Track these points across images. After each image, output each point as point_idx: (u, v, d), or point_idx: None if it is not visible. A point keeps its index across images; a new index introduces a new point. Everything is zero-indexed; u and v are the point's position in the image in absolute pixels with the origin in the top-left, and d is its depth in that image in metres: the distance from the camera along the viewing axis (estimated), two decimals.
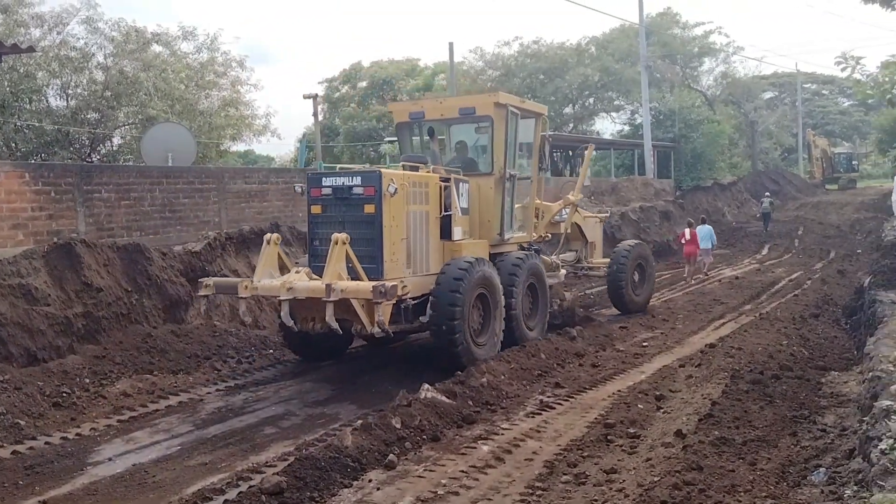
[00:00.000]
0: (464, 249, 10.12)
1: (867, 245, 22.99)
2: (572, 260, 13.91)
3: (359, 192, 9.09)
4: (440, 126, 11.45)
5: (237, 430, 7.76)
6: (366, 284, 8.43)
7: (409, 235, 9.47)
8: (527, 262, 10.80)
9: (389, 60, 48.73)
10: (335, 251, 8.62)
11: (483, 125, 10.98)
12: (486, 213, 10.90)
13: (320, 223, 9.43)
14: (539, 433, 7.41)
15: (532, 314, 11.02)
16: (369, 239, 9.03)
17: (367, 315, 8.51)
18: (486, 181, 10.84)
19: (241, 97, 27.24)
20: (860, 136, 66.77)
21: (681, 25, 43.75)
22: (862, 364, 8.60)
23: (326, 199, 9.36)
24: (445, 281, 9.22)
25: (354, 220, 9.12)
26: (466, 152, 11.47)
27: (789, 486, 5.75)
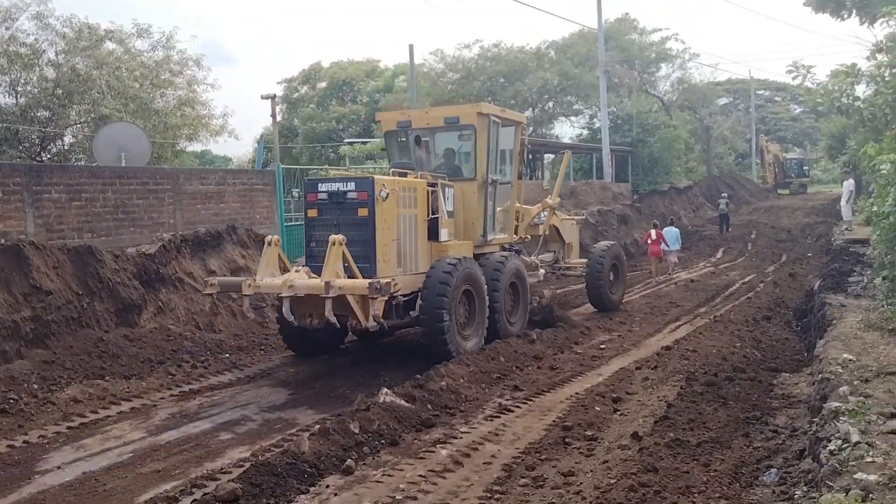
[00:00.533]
0: (450, 250, 10.76)
1: (817, 249, 23.57)
2: (550, 260, 14.55)
3: (353, 196, 9.74)
4: (426, 134, 11.99)
5: (191, 437, 7.62)
6: (362, 282, 9.02)
7: (400, 237, 10.12)
8: (509, 262, 11.47)
9: (349, 61, 48.48)
10: (333, 251, 9.20)
11: (467, 133, 11.54)
12: (470, 216, 11.55)
13: (317, 226, 10.02)
14: (497, 436, 7.42)
15: (514, 310, 11.66)
16: (363, 240, 9.64)
17: (362, 310, 9.02)
18: (469, 186, 11.49)
19: (198, 96, 26.83)
20: (811, 142, 68.55)
21: (638, 31, 44.39)
22: (812, 366, 8.80)
23: (322, 203, 9.96)
24: (434, 278, 9.85)
25: (349, 222, 9.71)
26: (451, 159, 12.03)
27: (742, 486, 5.85)
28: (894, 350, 7.60)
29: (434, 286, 9.80)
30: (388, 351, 11.41)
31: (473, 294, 10.46)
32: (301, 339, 10.70)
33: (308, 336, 10.46)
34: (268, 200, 14.81)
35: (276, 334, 12.27)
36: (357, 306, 8.98)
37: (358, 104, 45.02)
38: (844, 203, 23.43)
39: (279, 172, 15.12)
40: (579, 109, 43.38)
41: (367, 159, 26.77)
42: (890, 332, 8.34)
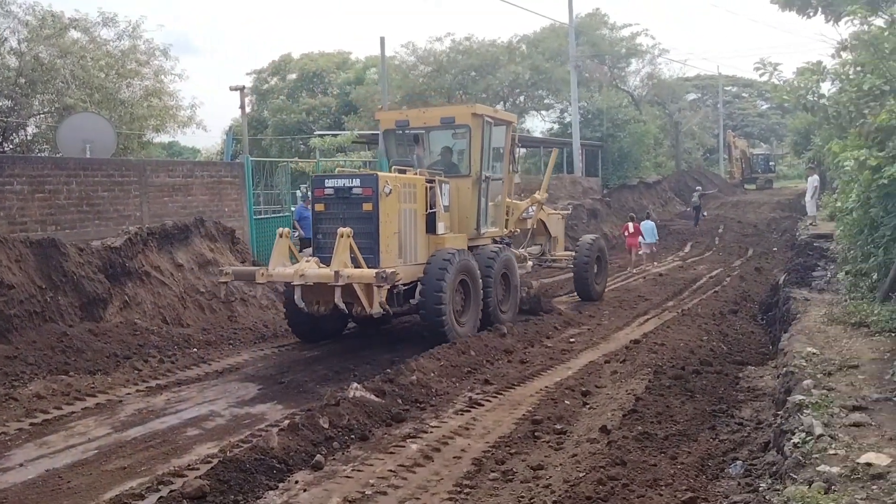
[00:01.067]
0: (446, 242, 11.36)
1: (782, 243, 23.96)
2: (537, 253, 15.08)
3: (358, 192, 10.34)
4: (423, 133, 12.57)
5: (158, 433, 7.52)
6: (369, 271, 9.67)
7: (401, 230, 10.73)
8: (501, 254, 12.19)
9: (320, 53, 48.07)
10: (341, 243, 9.77)
11: (461, 132, 12.15)
12: (465, 211, 12.12)
13: (323, 219, 10.65)
14: (468, 430, 7.43)
15: (505, 300, 12.30)
16: (367, 233, 10.20)
17: (367, 298, 9.72)
18: (464, 182, 12.07)
19: (165, 87, 26.38)
20: (777, 138, 69.54)
21: (609, 26, 44.59)
22: (777, 359, 8.94)
23: (329, 198, 10.56)
24: (432, 269, 10.55)
25: (354, 216, 10.26)
26: (446, 156, 12.62)
27: (708, 478, 5.93)
28: (856, 344, 7.75)
29: (433, 276, 10.46)
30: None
31: (469, 283, 11.17)
32: (307, 326, 11.23)
33: (313, 323, 11.06)
34: (237, 193, 14.64)
35: (245, 329, 12.24)
36: (363, 294, 9.66)
37: (328, 96, 44.68)
38: (809, 198, 23.84)
39: (248, 165, 14.95)
40: (550, 104, 43.52)
41: (338, 152, 26.59)
42: (852, 326, 8.50)
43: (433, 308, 10.41)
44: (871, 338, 7.96)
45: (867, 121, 8.41)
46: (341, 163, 19.97)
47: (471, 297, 11.27)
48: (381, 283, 9.46)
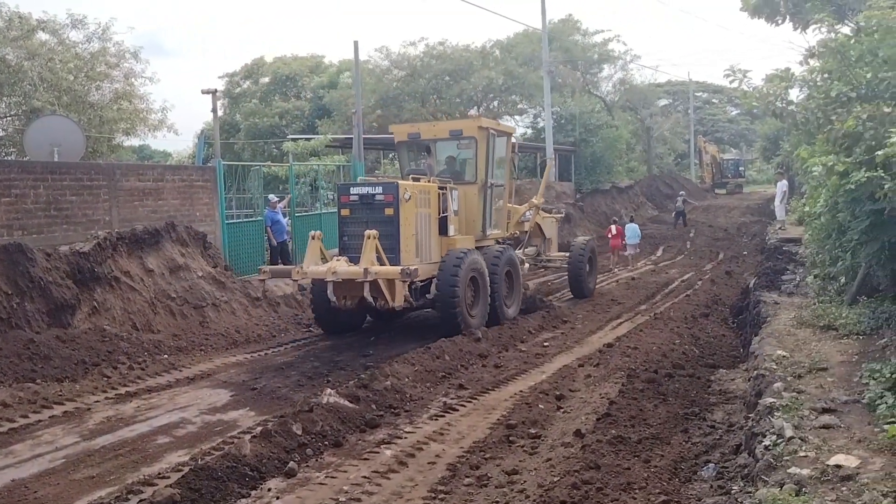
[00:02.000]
0: (457, 243, 12.44)
1: (752, 247, 24.26)
2: (533, 254, 15.96)
3: (380, 198, 11.41)
4: (433, 144, 13.72)
5: (127, 441, 7.40)
6: (394, 268, 10.78)
7: (417, 232, 11.79)
8: (505, 253, 13.22)
9: (293, 56, 47.75)
10: (368, 244, 10.80)
11: (467, 143, 13.28)
12: (471, 214, 13.25)
13: (349, 223, 11.70)
14: (442, 435, 7.41)
15: (509, 295, 13.25)
16: (389, 234, 11.23)
17: (390, 293, 10.96)
18: (471, 189, 13.20)
19: (135, 90, 26.02)
20: (747, 143, 70.56)
21: (581, 32, 44.92)
22: (748, 362, 9.05)
23: (354, 203, 11.64)
24: (447, 266, 11.59)
25: (377, 220, 11.32)
26: (453, 165, 13.74)
27: (681, 481, 5.97)
28: (825, 346, 7.87)
29: (448, 272, 11.52)
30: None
31: (478, 280, 12.11)
32: (331, 319, 12.23)
33: (338, 317, 12.13)
34: (208, 197, 14.47)
35: (216, 334, 12.15)
36: (386, 289, 10.93)
37: (302, 100, 44.41)
38: (778, 203, 24.15)
39: (220, 169, 14.80)
40: (524, 109, 43.70)
41: (311, 156, 26.41)
42: (821, 329, 8.64)
43: (448, 301, 11.42)
44: (840, 340, 8.09)
45: (834, 127, 8.54)
46: (314, 167, 19.85)
47: (480, 292, 12.19)
48: (405, 279, 10.69)
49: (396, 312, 12.09)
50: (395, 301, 11.06)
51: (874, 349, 7.36)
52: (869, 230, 8.57)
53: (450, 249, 12.09)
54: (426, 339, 11.19)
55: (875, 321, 8.37)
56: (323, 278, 10.96)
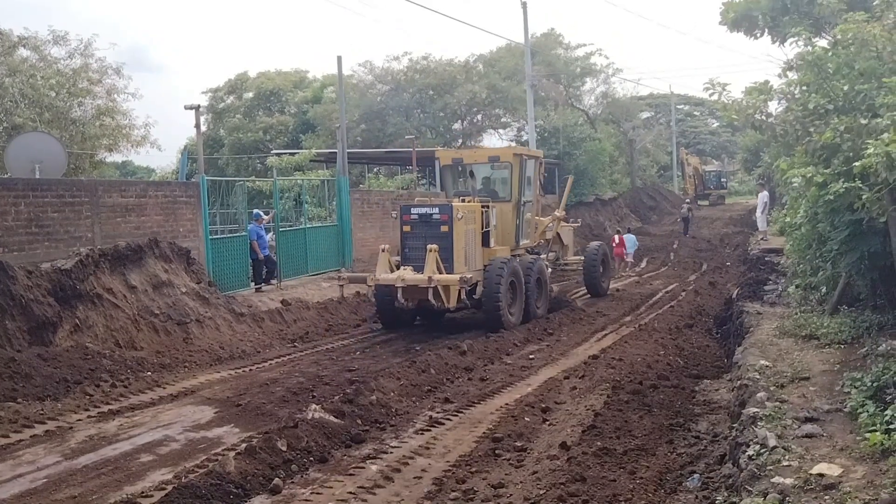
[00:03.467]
0: (496, 253, 14.46)
1: (735, 258, 24.43)
2: (553, 259, 17.65)
3: (437, 217, 13.46)
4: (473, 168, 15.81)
5: (110, 459, 7.32)
6: (453, 276, 12.87)
7: (466, 244, 13.65)
8: (537, 262, 15.25)
9: (277, 71, 47.77)
10: (430, 256, 12.81)
11: (504, 166, 15.38)
12: (507, 228, 15.23)
13: (410, 237, 13.66)
14: (428, 450, 7.39)
15: (538, 297, 15.06)
16: (444, 248, 13.16)
17: (447, 296, 12.85)
18: (506, 206, 15.21)
19: (118, 106, 25.86)
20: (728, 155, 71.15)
21: (564, 46, 45.28)
22: (731, 372, 9.10)
23: (414, 221, 13.65)
24: (492, 272, 13.47)
25: (434, 235, 13.27)
26: (489, 185, 15.89)
27: (666, 492, 5.99)
28: (807, 356, 7.93)
29: (493, 278, 13.37)
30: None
31: (515, 284, 13.96)
32: (392, 317, 14.08)
33: (398, 315, 14.00)
34: (192, 213, 14.41)
35: (200, 351, 12.13)
36: (444, 293, 12.80)
37: (286, 115, 44.41)
38: (760, 214, 24.37)
39: (204, 184, 14.74)
40: (507, 122, 43.95)
41: (296, 171, 26.38)
42: (803, 339, 8.70)
43: (493, 303, 13.30)
44: (822, 350, 8.15)
45: (813, 139, 8.64)
46: (299, 182, 19.83)
47: (517, 294, 14.06)
48: (462, 286, 12.86)
49: (441, 312, 14.21)
50: (450, 302, 12.96)
51: (855, 358, 7.43)
52: (848, 240, 8.66)
53: (492, 258, 14.01)
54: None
55: (856, 330, 8.45)
56: (393, 284, 12.89)
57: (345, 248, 18.87)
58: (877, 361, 6.75)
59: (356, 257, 19.11)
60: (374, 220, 20.36)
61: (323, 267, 18.08)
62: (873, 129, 7.67)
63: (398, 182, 26.33)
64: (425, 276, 12.62)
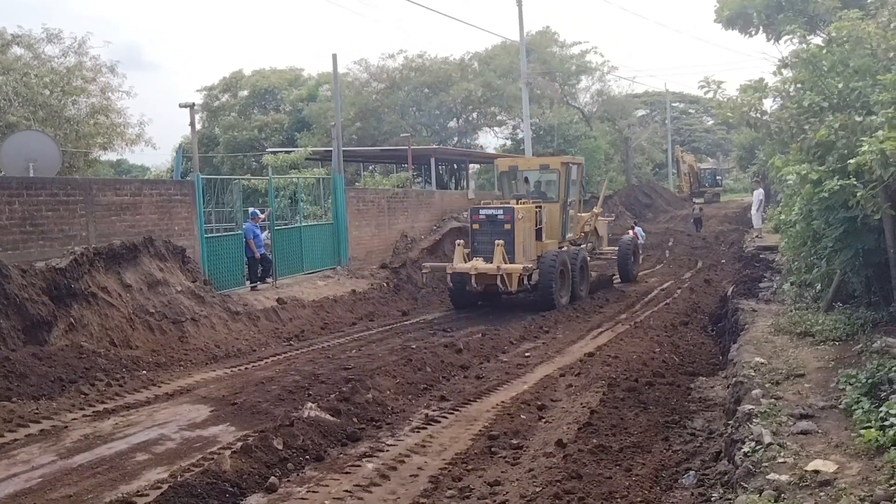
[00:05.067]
0: (547, 247, 16.97)
1: (730, 256, 24.49)
2: (590, 249, 19.82)
3: (501, 217, 15.91)
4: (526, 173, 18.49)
5: (105, 458, 7.30)
6: (517, 266, 15.41)
7: (524, 239, 16.15)
8: (581, 253, 17.69)
9: (272, 69, 47.70)
10: (497, 249, 15.39)
11: (552, 172, 17.99)
12: (554, 225, 17.74)
13: (479, 234, 16.27)
14: (424, 448, 7.39)
15: (582, 282, 17.48)
16: (508, 242, 15.66)
17: (510, 281, 15.24)
18: (554, 206, 17.74)
19: (112, 104, 25.76)
20: (723, 152, 71.24)
21: (559, 44, 45.31)
22: (727, 369, 9.12)
23: (482, 220, 16.18)
24: (546, 262, 16.00)
25: (499, 232, 15.80)
26: (540, 188, 18.34)
27: (662, 489, 6.00)
28: (802, 353, 7.96)
29: (547, 268, 15.86)
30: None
31: (565, 272, 16.45)
32: (463, 299, 16.49)
33: (467, 298, 16.44)
34: (187, 212, 14.37)
35: (196, 349, 12.15)
36: (509, 279, 15.20)
37: (281, 113, 44.34)
38: (755, 211, 24.46)
39: (199, 183, 14.70)
40: (503, 120, 43.93)
41: (291, 169, 26.35)
42: (798, 336, 8.73)
43: (548, 288, 15.70)
44: (816, 347, 8.18)
45: (807, 136, 8.67)
46: (294, 180, 19.81)
47: (566, 280, 16.52)
48: (524, 273, 15.37)
49: (500, 295, 16.26)
50: (512, 286, 15.31)
51: (850, 355, 7.45)
52: (843, 237, 8.70)
53: (544, 251, 16.59)
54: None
55: (850, 327, 8.48)
56: (468, 272, 15.40)
57: (340, 247, 18.84)
58: (871, 358, 6.77)
59: (352, 256, 19.09)
60: (370, 219, 20.34)
61: (318, 265, 18.06)
62: (868, 126, 7.70)
63: (394, 180, 26.27)
64: (495, 266, 15.19)
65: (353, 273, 18.55)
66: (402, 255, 20.72)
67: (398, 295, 18.17)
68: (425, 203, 23.79)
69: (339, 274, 18.20)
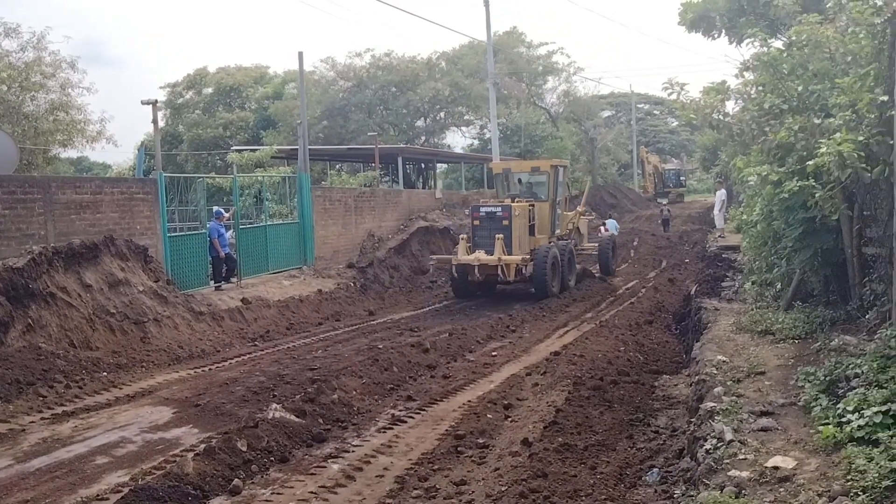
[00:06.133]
0: (539, 241, 18.55)
1: (694, 255, 24.80)
2: (573, 245, 20.80)
3: (500, 214, 17.51)
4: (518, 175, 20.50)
5: (64, 462, 7.16)
6: (515, 257, 17.01)
7: (520, 234, 17.66)
8: (568, 247, 19.21)
9: (237, 67, 47.14)
10: (497, 243, 16.91)
11: (543, 174, 19.73)
12: (545, 221, 19.26)
13: (479, 229, 17.71)
14: (390, 448, 7.37)
15: (570, 273, 18.96)
16: (506, 237, 17.17)
17: (508, 272, 16.96)
18: (544, 205, 19.35)
19: (73, 101, 25.24)
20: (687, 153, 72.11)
21: (526, 45, 45.52)
22: (690, 367, 9.24)
23: (483, 217, 17.74)
24: (540, 255, 17.39)
25: (498, 227, 17.34)
26: (530, 188, 19.92)
27: (626, 487, 6.06)
28: (763, 351, 8.09)
29: (541, 259, 17.26)
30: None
31: (556, 264, 17.81)
32: (465, 289, 17.96)
33: (468, 288, 17.93)
34: (149, 210, 14.14)
35: (158, 350, 11.98)
36: (507, 270, 16.94)
37: (246, 111, 43.87)
38: (717, 212, 24.82)
39: (161, 181, 14.48)
40: (470, 120, 43.99)
41: (256, 167, 26.09)
42: (759, 334, 8.87)
43: (542, 278, 17.11)
44: (776, 345, 8.32)
45: (768, 138, 8.82)
46: (259, 178, 19.62)
47: (557, 271, 17.88)
48: (522, 265, 17.02)
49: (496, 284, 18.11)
50: (510, 276, 17.00)
51: (809, 353, 7.60)
52: (802, 237, 8.86)
53: (537, 245, 18.09)
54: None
55: (809, 325, 8.64)
56: (471, 263, 17.00)
57: (306, 246, 18.70)
58: (829, 356, 6.91)
59: (318, 255, 18.97)
60: (336, 218, 20.22)
61: (284, 265, 17.91)
62: (826, 128, 7.85)
63: (360, 179, 26.16)
64: (495, 257, 16.78)
65: (320, 272, 18.43)
66: (369, 255, 20.65)
67: (365, 294, 18.10)
68: (392, 202, 23.73)
69: (305, 273, 18.07)
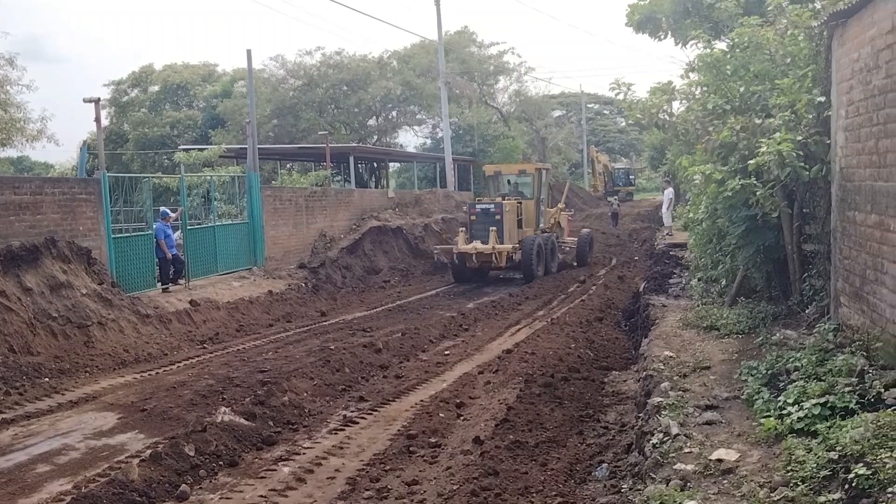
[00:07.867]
0: (526, 233, 21.11)
1: (643, 253, 25.22)
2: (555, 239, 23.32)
3: (493, 210, 20.24)
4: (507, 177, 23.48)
5: (3, 471, 6.94)
6: (507, 246, 19.67)
7: (510, 227, 20.33)
8: (550, 237, 22.01)
9: (184, 64, 46.26)
10: (492, 234, 19.52)
11: (529, 175, 22.74)
12: (531, 217, 21.97)
13: (476, 223, 20.25)
14: (342, 449, 7.33)
15: (552, 260, 21.76)
16: (498, 229, 19.85)
17: (501, 259, 19.66)
18: (530, 202, 22.09)
19: (11, 98, 24.57)
20: (636, 153, 73.35)
21: (477, 44, 45.68)
22: (638, 363, 9.39)
23: (478, 213, 20.45)
24: (527, 244, 20.18)
25: (491, 221, 19.94)
26: (517, 188, 22.75)
27: (576, 483, 6.13)
28: (708, 346, 8.27)
29: (528, 247, 20.08)
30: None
31: (541, 252, 20.68)
32: (463, 275, 20.48)
33: (467, 274, 20.49)
34: (92, 211, 13.77)
35: (103, 354, 11.72)
36: (499, 257, 19.63)
37: (194, 109, 43.10)
38: (665, 210, 25.24)
39: (105, 181, 14.12)
40: (422, 119, 43.98)
41: (205, 167, 25.66)
42: (704, 330, 9.07)
43: (528, 263, 19.89)
44: (721, 340, 8.52)
45: (711, 138, 9.03)
46: (207, 178, 19.28)
47: (542, 258, 20.74)
48: (513, 253, 19.79)
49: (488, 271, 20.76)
50: (502, 262, 19.72)
51: (752, 347, 7.79)
52: (745, 235, 9.09)
53: (525, 237, 20.73)
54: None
55: (753, 321, 8.86)
56: (469, 251, 19.61)
57: (256, 247, 18.46)
58: (771, 350, 7.10)
59: (268, 255, 18.74)
60: (287, 218, 20.00)
61: (233, 266, 17.65)
62: (766, 128, 8.07)
63: (312, 179, 25.92)
64: (490, 246, 19.45)
65: (270, 273, 18.21)
66: (321, 255, 20.48)
67: (317, 295, 17.94)
68: (344, 202, 23.58)
69: (255, 274, 17.84)
